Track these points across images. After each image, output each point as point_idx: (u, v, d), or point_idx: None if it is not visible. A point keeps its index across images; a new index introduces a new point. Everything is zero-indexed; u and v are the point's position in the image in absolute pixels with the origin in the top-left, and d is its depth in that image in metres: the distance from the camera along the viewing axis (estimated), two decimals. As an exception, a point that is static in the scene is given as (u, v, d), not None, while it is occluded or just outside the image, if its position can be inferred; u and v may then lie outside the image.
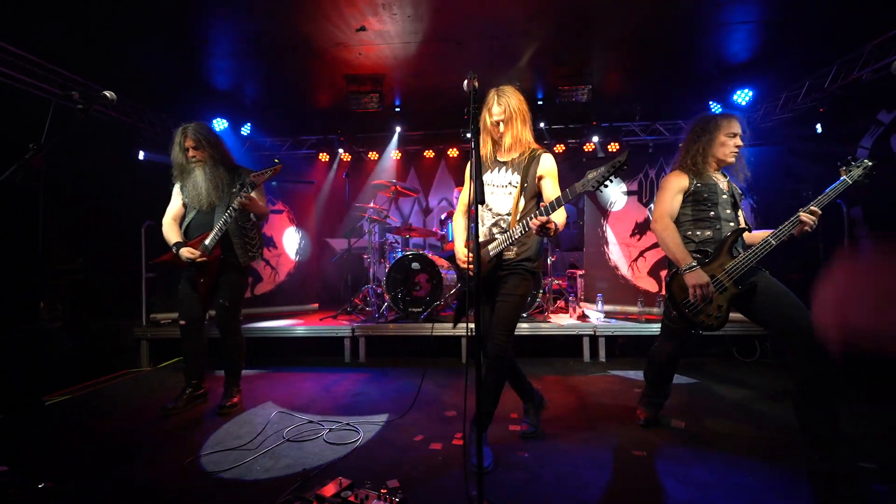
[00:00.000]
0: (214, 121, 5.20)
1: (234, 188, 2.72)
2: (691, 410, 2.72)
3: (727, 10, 3.39)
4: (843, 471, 1.93)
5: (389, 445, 2.28)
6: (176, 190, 2.82)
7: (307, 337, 4.26)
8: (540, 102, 5.19)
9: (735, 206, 2.29)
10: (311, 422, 2.59)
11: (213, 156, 2.73)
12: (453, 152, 6.28)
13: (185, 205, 2.80)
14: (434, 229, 5.19)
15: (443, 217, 4.90)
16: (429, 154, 6.27)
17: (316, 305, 5.42)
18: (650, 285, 4.51)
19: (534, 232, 1.86)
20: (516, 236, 1.96)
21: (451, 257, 2.34)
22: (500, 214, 2.11)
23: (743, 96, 4.54)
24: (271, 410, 2.79)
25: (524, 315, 4.27)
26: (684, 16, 3.50)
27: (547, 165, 2.10)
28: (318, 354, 4.32)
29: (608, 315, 4.47)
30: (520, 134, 2.10)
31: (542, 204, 1.90)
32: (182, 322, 2.74)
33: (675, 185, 2.27)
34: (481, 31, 3.71)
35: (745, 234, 2.27)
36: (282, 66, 4.38)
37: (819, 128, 4.52)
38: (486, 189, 2.14)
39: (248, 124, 5.44)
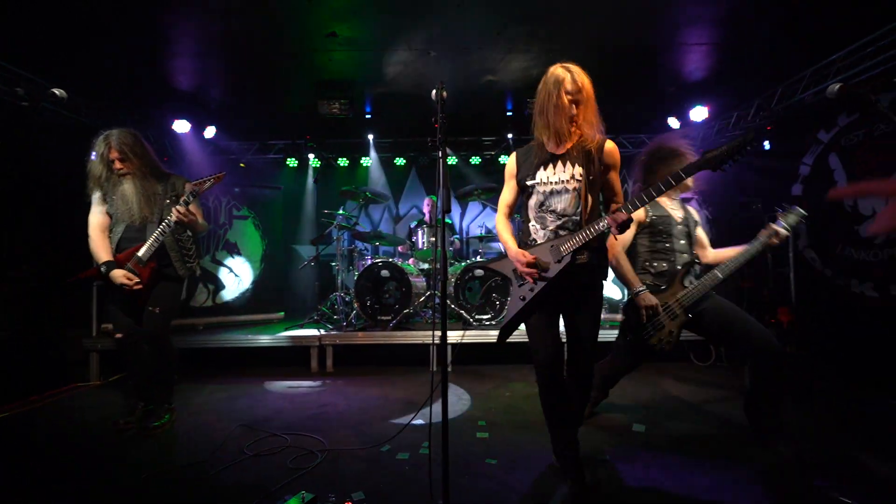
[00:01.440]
0: (176, 122, 5.00)
1: (167, 199, 2.55)
2: (651, 414, 2.81)
3: (684, 32, 3.59)
4: (790, 467, 2.05)
5: (355, 457, 2.24)
6: (97, 199, 2.57)
7: (272, 346, 4.14)
8: (509, 113, 5.30)
9: (690, 236, 2.41)
10: (274, 435, 2.50)
11: (142, 168, 2.55)
12: (424, 160, 6.30)
13: (109, 214, 2.57)
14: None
15: (412, 225, 4.90)
16: (399, 161, 6.27)
17: (282, 314, 5.28)
18: (614, 292, 4.66)
19: (613, 230, 1.65)
20: (593, 233, 1.71)
21: (501, 259, 2.02)
22: (566, 215, 1.80)
23: (699, 113, 4.79)
24: (232, 424, 2.68)
25: (493, 322, 4.31)
26: (645, 35, 3.68)
27: (614, 155, 1.83)
28: (284, 364, 4.20)
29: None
30: (593, 119, 1.80)
31: (639, 192, 1.64)
32: (118, 335, 2.54)
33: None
34: (452, 42, 3.76)
35: (715, 253, 2.46)
36: (248, 68, 4.28)
37: (767, 145, 4.83)
38: (542, 188, 1.84)
39: (213, 127, 5.26)
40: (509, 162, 2.01)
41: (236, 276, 5.10)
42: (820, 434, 2.48)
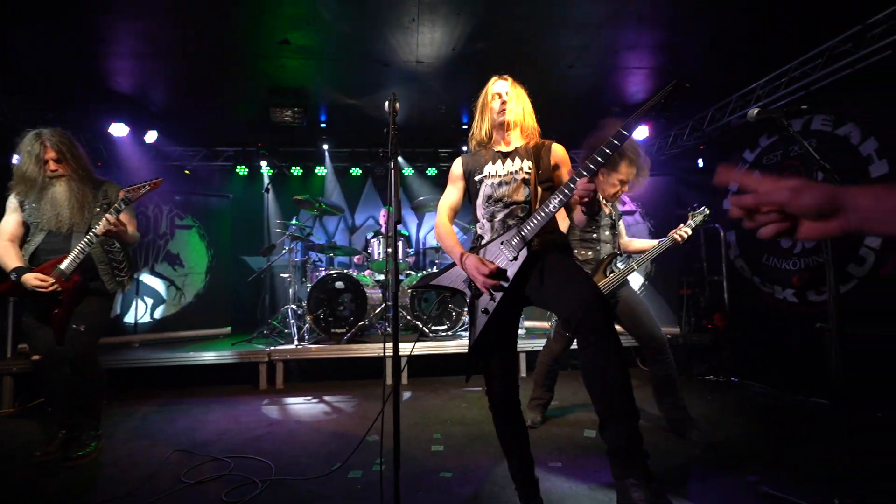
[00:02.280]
0: (113, 125, 4.67)
1: (97, 207, 2.38)
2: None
3: (624, 56, 3.83)
4: (707, 454, 2.25)
5: (305, 478, 2.14)
6: (13, 205, 2.36)
7: (217, 364, 3.91)
8: (465, 126, 5.40)
9: (613, 227, 2.63)
10: (215, 459, 2.35)
11: (78, 171, 2.37)
12: (380, 170, 6.26)
13: (26, 224, 2.36)
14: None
15: (369, 236, 4.83)
16: (355, 171, 6.19)
17: (229, 329, 5.01)
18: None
19: (579, 203, 1.49)
20: (546, 215, 1.56)
21: (447, 271, 1.84)
22: (516, 202, 1.73)
23: (640, 132, 5.11)
24: (167, 449, 2.49)
25: (450, 333, 4.31)
26: (590, 59, 3.88)
27: (561, 153, 1.86)
28: (230, 383, 3.97)
29: (529, 331, 4.67)
30: (526, 115, 1.85)
31: (590, 157, 1.50)
32: (35, 357, 2.30)
33: None
34: (408, 55, 3.79)
35: (630, 241, 2.73)
36: (195, 72, 4.08)
37: (700, 162, 5.22)
38: (489, 181, 1.78)
39: (154, 132, 4.96)
40: (455, 165, 1.95)
41: (178, 290, 4.80)
42: (747, 431, 2.67)
